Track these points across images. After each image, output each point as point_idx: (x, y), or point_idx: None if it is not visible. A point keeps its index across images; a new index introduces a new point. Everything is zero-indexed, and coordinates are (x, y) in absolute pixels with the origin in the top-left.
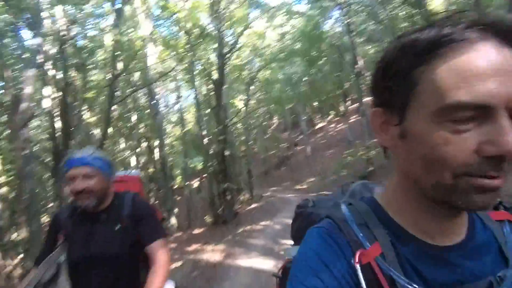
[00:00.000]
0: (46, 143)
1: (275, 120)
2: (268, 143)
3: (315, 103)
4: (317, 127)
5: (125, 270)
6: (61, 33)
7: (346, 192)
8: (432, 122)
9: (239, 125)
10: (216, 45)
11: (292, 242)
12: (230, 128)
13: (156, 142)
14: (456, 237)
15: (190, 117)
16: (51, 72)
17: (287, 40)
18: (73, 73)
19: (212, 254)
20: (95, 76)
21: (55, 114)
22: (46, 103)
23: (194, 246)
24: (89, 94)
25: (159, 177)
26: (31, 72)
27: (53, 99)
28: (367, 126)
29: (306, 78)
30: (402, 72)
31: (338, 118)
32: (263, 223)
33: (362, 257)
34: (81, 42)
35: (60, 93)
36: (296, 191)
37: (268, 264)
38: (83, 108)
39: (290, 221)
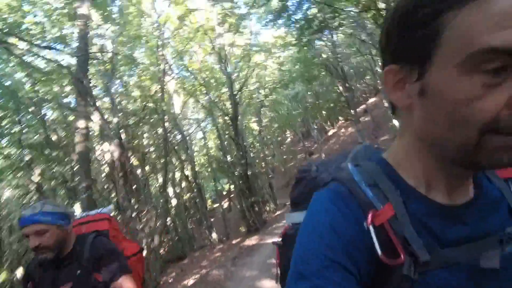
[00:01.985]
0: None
1: (288, 133)
2: (285, 155)
3: (324, 112)
4: (329, 133)
5: None
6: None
7: (349, 155)
8: (459, 74)
9: (257, 144)
10: (226, 89)
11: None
12: (249, 151)
13: (187, 172)
14: (466, 196)
15: (211, 144)
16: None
17: (286, 67)
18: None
19: (250, 241)
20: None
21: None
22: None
23: (236, 240)
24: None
25: (194, 202)
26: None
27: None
28: (375, 125)
29: (309, 93)
30: (425, 20)
31: (347, 122)
32: (284, 221)
33: (374, 218)
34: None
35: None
36: None
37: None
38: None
39: None
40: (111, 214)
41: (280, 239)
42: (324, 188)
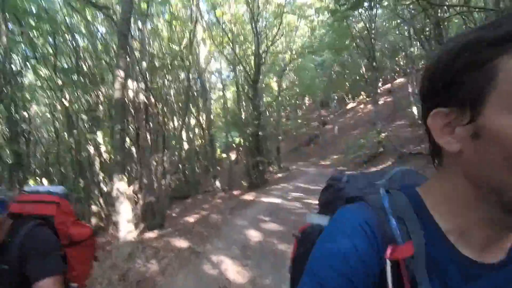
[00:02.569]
0: None
1: (307, 99)
2: (300, 121)
3: (347, 84)
4: (348, 107)
5: None
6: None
7: (385, 176)
8: None
9: (273, 103)
10: (253, 47)
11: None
12: (264, 113)
13: (203, 119)
14: (497, 254)
15: (229, 95)
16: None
17: (317, 32)
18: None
19: (248, 196)
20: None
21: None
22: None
23: (237, 192)
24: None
25: (205, 149)
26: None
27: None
28: (394, 108)
29: (336, 63)
30: (477, 64)
31: (369, 99)
32: (282, 184)
33: (393, 253)
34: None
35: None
36: (319, 166)
37: (277, 201)
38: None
39: (300, 184)
40: (64, 193)
41: (299, 233)
42: (352, 206)
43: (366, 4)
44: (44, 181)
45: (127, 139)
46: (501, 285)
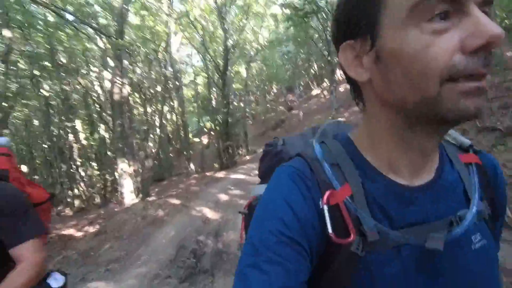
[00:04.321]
0: None
1: (274, 86)
2: (268, 106)
3: (312, 71)
4: (313, 93)
5: None
6: None
7: (317, 131)
8: (407, 28)
9: (241, 89)
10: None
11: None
12: (232, 102)
13: (175, 103)
14: (426, 176)
15: (200, 79)
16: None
17: (281, 26)
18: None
19: (219, 174)
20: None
21: None
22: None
23: (209, 173)
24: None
25: (178, 134)
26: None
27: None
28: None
29: (302, 52)
30: None
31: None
32: (248, 165)
33: (330, 198)
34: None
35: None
36: None
37: (242, 177)
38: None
39: None
40: (9, 145)
41: (245, 209)
42: (286, 164)
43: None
44: (24, 167)
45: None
46: (434, 200)
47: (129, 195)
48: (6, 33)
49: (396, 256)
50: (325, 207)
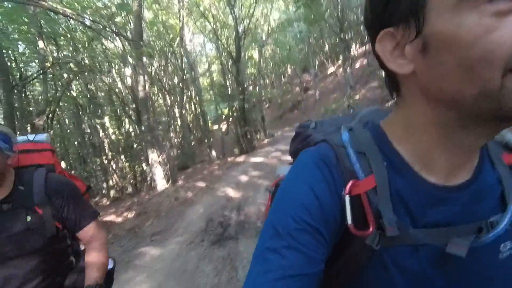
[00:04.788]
0: None
1: (289, 67)
2: (284, 88)
3: (326, 50)
4: (328, 72)
5: (53, 260)
6: None
7: (356, 117)
8: (462, 10)
9: (255, 73)
10: (233, 31)
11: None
12: (247, 88)
13: (193, 93)
14: (462, 176)
15: (214, 66)
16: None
17: (291, 7)
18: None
19: (239, 159)
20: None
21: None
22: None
23: (230, 159)
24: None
25: (196, 123)
26: None
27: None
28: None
29: (313, 32)
30: None
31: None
32: (267, 148)
33: (353, 188)
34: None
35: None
36: None
37: (261, 160)
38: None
39: (282, 147)
40: (50, 141)
41: (272, 188)
42: (312, 148)
43: None
44: (63, 163)
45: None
46: (467, 203)
47: (160, 181)
48: (41, 44)
49: (413, 254)
50: (347, 197)
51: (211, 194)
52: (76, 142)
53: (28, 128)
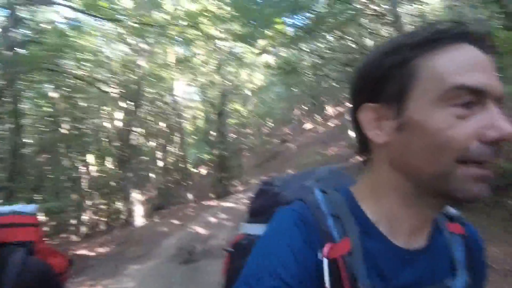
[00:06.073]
0: None
1: (270, 120)
2: (264, 138)
3: (305, 107)
4: (307, 127)
5: None
6: None
7: (312, 175)
8: (435, 108)
9: (236, 123)
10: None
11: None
12: (229, 139)
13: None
14: (420, 240)
15: (198, 113)
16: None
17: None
18: None
19: (212, 203)
20: None
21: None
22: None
23: (205, 202)
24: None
25: (177, 165)
26: None
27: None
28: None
29: (296, 87)
30: (400, 64)
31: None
32: (239, 195)
33: (330, 251)
34: None
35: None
36: None
37: (231, 205)
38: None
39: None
40: (36, 213)
41: (231, 247)
42: (289, 207)
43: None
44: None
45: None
46: (427, 266)
47: (140, 219)
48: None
49: None
50: (325, 261)
51: (183, 230)
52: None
53: None
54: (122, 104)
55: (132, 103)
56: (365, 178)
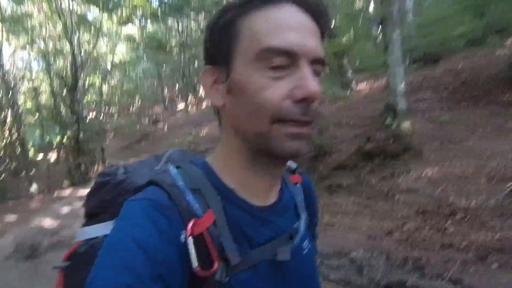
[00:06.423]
0: None
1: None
2: (133, 118)
3: (177, 87)
4: (179, 107)
5: None
6: None
7: (162, 159)
8: (252, 69)
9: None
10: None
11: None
12: (84, 118)
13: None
14: (273, 197)
15: (43, 86)
16: None
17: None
18: None
19: (67, 191)
20: None
21: None
22: None
23: (57, 192)
24: None
25: (13, 150)
26: None
27: None
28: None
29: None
30: (227, 24)
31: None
32: None
33: (194, 227)
34: None
35: None
36: None
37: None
38: None
39: None
40: None
41: (65, 262)
42: (138, 197)
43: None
44: None
45: None
46: (280, 218)
47: None
48: None
49: (255, 273)
50: (190, 240)
51: (24, 226)
52: None
53: None
54: None
55: None
56: (219, 146)
